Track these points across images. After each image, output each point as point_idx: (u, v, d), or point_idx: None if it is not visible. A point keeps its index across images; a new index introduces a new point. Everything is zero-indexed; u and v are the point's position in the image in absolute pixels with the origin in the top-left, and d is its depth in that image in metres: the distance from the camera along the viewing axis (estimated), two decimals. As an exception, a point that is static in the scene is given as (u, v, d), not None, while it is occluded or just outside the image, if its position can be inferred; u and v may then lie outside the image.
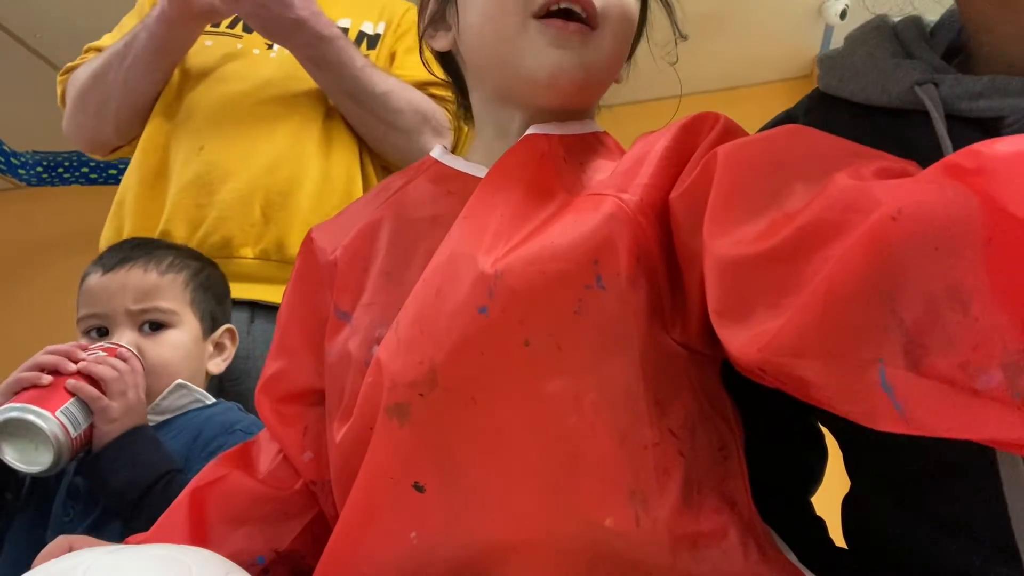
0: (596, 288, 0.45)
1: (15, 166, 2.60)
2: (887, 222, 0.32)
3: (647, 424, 0.44)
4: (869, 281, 0.32)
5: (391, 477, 0.45)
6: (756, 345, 0.37)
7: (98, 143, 1.17)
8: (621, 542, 0.43)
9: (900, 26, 0.59)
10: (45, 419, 0.72)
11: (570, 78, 0.53)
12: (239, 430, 0.83)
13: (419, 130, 1.11)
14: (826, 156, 0.42)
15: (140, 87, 1.10)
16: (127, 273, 0.88)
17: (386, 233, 0.57)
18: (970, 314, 0.29)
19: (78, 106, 1.13)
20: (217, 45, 1.15)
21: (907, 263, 0.31)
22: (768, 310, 0.37)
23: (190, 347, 0.90)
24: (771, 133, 0.46)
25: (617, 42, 0.55)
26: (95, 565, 0.39)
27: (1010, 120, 0.49)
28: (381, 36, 1.22)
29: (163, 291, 0.88)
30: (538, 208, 0.50)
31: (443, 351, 0.45)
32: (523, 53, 0.53)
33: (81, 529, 0.76)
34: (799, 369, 0.36)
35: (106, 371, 0.78)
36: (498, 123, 0.59)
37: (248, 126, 1.08)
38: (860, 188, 0.36)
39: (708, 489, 0.46)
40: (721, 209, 0.43)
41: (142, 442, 0.77)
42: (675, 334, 0.47)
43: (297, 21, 1.02)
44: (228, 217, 1.04)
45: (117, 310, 0.86)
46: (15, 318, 2.76)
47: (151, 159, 1.10)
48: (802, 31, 2.32)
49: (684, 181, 0.47)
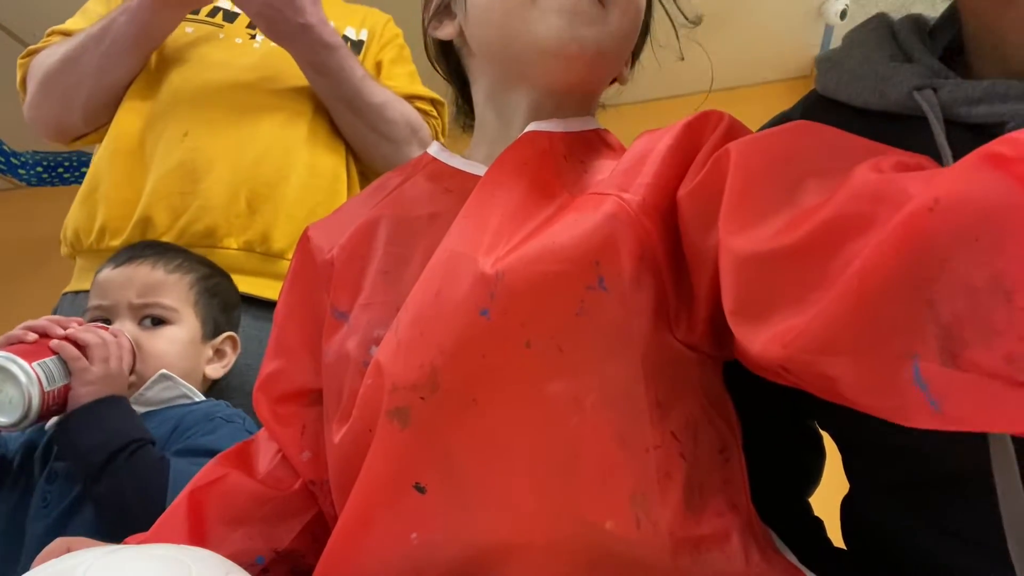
0: (598, 289, 0.45)
1: (15, 166, 2.60)
2: (924, 213, 0.31)
3: (649, 426, 0.44)
4: (906, 274, 0.31)
5: (392, 478, 0.45)
6: (780, 342, 0.36)
7: (62, 130, 1.14)
8: (622, 545, 0.43)
9: (898, 26, 0.58)
10: (21, 367, 0.74)
11: (580, 46, 0.53)
12: (220, 417, 0.84)
13: (408, 141, 1.12)
14: (841, 150, 0.42)
15: (116, 73, 1.08)
16: (135, 268, 0.90)
17: (384, 232, 0.57)
18: (1015, 304, 0.28)
19: (43, 90, 1.10)
20: (198, 32, 1.14)
21: (946, 255, 0.30)
22: (792, 306, 0.36)
23: (186, 345, 0.90)
24: (783, 129, 0.45)
25: (625, 21, 0.55)
26: (95, 565, 0.39)
27: (1011, 126, 0.48)
28: (364, 43, 1.23)
29: (167, 288, 0.90)
30: (538, 207, 0.50)
31: (444, 354, 0.45)
32: (533, 23, 0.53)
33: (57, 513, 0.77)
34: (827, 366, 0.35)
35: (91, 337, 0.80)
36: (501, 113, 0.59)
37: (235, 115, 1.07)
38: (888, 180, 0.35)
39: (709, 491, 0.45)
40: (737, 206, 0.42)
41: (116, 409, 0.78)
42: (680, 334, 0.47)
43: (304, 26, 1.03)
44: (213, 206, 1.02)
45: (120, 302, 0.89)
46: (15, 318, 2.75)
47: (125, 144, 1.07)
48: (802, 31, 2.32)
49: (692, 179, 0.47)
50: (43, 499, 0.78)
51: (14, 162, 2.59)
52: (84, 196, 1.09)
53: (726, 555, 0.44)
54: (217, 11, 1.18)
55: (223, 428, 0.82)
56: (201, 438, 0.80)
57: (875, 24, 0.59)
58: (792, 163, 0.42)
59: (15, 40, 2.30)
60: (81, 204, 1.09)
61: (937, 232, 0.30)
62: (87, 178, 1.10)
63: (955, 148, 0.48)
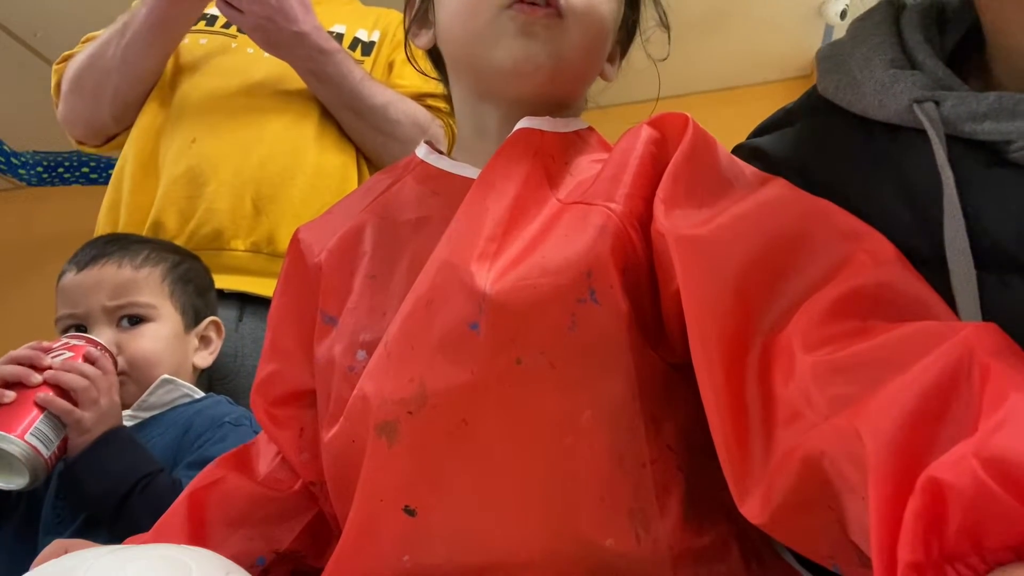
0: (589, 302, 0.44)
1: (15, 166, 2.60)
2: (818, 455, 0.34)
3: (644, 441, 0.44)
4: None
5: (382, 500, 0.45)
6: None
7: (94, 128, 1.16)
8: (622, 562, 0.43)
9: (905, 20, 0.55)
10: (15, 444, 0.69)
11: (535, 64, 0.53)
12: (228, 423, 0.82)
13: (416, 140, 1.12)
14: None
15: (140, 63, 1.09)
16: (101, 269, 0.86)
17: (371, 236, 0.56)
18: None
19: (74, 88, 1.12)
20: (211, 43, 1.16)
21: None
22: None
23: (171, 340, 0.88)
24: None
25: (586, 34, 0.54)
26: (96, 565, 0.39)
27: (1018, 145, 0.46)
28: (376, 44, 1.23)
29: (139, 285, 0.87)
30: (529, 214, 0.49)
31: (433, 369, 0.45)
32: (493, 45, 0.53)
33: (72, 529, 0.76)
34: None
35: (76, 380, 0.74)
36: (475, 120, 0.59)
37: (241, 119, 1.08)
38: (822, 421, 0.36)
39: (707, 502, 0.45)
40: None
41: (115, 447, 0.75)
42: (661, 351, 0.46)
43: (299, 34, 1.03)
44: (219, 209, 1.04)
45: (94, 307, 0.85)
46: (15, 318, 2.76)
47: (145, 148, 1.10)
48: (802, 31, 2.32)
49: (665, 190, 0.47)
50: (56, 514, 0.77)
51: (14, 162, 2.58)
52: (109, 206, 1.12)
53: (727, 564, 0.44)
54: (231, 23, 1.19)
55: (232, 435, 0.80)
56: (212, 447, 0.78)
57: (880, 17, 0.56)
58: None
59: (15, 40, 2.30)
60: (107, 213, 1.11)
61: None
62: (109, 189, 1.13)
63: (958, 167, 0.46)
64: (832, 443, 0.33)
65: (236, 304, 1.06)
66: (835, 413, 0.34)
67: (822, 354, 0.36)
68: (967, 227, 0.46)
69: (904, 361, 0.33)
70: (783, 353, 0.39)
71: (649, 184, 0.48)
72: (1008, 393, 0.28)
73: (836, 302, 0.39)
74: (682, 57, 0.64)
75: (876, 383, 0.33)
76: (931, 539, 0.26)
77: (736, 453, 0.38)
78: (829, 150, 0.57)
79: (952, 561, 0.26)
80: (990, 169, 0.47)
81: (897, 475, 0.28)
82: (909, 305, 0.39)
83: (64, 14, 2.14)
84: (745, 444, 0.38)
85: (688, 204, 0.46)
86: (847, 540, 0.34)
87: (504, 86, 0.55)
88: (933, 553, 0.26)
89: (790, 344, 0.38)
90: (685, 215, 0.45)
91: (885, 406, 0.31)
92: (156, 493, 0.72)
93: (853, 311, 0.39)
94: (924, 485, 0.27)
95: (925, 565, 0.26)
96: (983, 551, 0.26)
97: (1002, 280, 0.45)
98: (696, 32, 2.13)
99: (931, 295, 0.40)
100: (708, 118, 0.55)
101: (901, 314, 0.38)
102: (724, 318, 0.41)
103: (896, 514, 0.27)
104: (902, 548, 0.27)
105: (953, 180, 0.46)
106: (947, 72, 0.51)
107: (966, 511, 0.26)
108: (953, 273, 0.46)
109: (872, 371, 0.34)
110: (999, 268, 0.46)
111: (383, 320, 0.50)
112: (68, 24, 2.13)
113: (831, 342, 0.37)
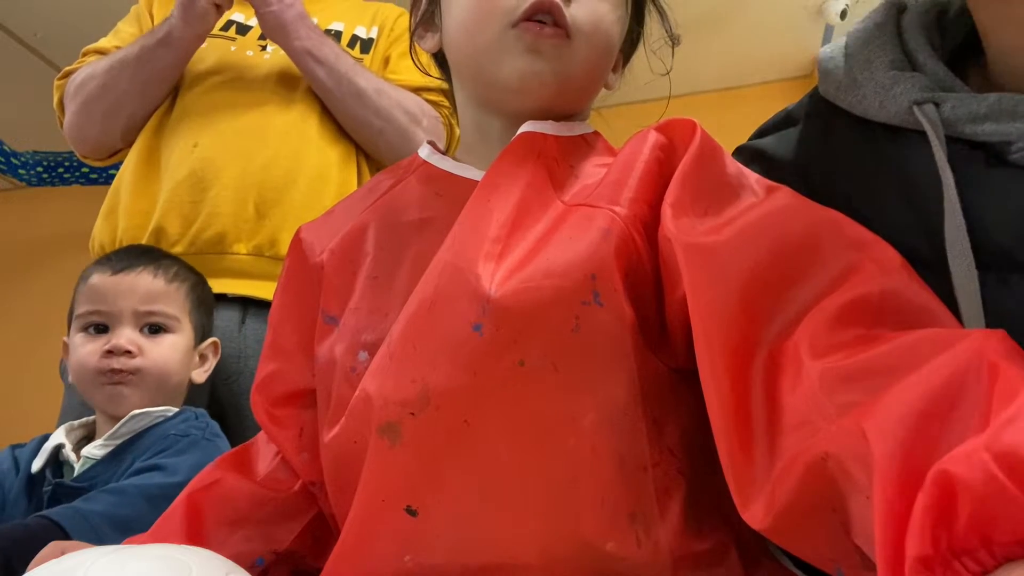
0: (593, 304, 0.44)
1: (15, 166, 2.60)
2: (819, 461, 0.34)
3: (646, 444, 0.44)
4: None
5: (383, 500, 0.45)
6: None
7: (103, 147, 1.18)
8: (622, 565, 0.43)
9: (906, 22, 0.55)
10: None
11: (540, 82, 0.53)
12: (173, 434, 0.85)
13: (411, 128, 1.13)
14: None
15: (160, 90, 1.12)
16: (137, 276, 0.92)
17: (374, 236, 0.56)
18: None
19: (83, 110, 1.13)
20: (211, 47, 1.16)
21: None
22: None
23: (185, 353, 0.94)
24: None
25: (593, 53, 0.55)
26: (96, 565, 0.39)
27: (1018, 146, 0.46)
28: (375, 40, 1.24)
29: (168, 297, 0.93)
30: (533, 216, 0.49)
31: (436, 370, 0.44)
32: (499, 61, 0.53)
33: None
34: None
35: None
36: (479, 127, 0.59)
37: (243, 123, 1.09)
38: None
39: (707, 506, 0.45)
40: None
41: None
42: (663, 355, 0.46)
43: (301, 14, 1.06)
44: (222, 213, 1.04)
45: (124, 309, 0.90)
46: (15, 318, 2.76)
47: (142, 158, 1.11)
48: (802, 31, 2.32)
49: (673, 194, 0.47)
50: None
51: (14, 162, 2.59)
52: (107, 211, 1.12)
53: (726, 568, 0.44)
54: (231, 24, 1.20)
55: (177, 444, 0.84)
56: (154, 459, 0.81)
57: (882, 17, 0.56)
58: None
59: (15, 40, 2.30)
60: (105, 219, 1.12)
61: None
62: (109, 194, 1.14)
63: (958, 168, 0.46)
64: (837, 444, 0.33)
65: (239, 307, 1.06)
66: (843, 419, 0.34)
67: (830, 361, 0.36)
68: (967, 227, 0.46)
69: (913, 367, 0.33)
70: (790, 360, 0.39)
71: (655, 189, 0.48)
72: (1019, 390, 0.28)
73: (843, 310, 0.39)
74: (682, 57, 0.64)
75: (885, 390, 0.33)
76: (940, 533, 0.26)
77: (740, 459, 0.38)
78: (830, 151, 0.57)
79: (960, 556, 0.26)
80: (990, 170, 0.47)
81: (903, 473, 0.28)
82: (915, 313, 0.39)
83: (64, 14, 2.14)
84: (749, 450, 0.38)
85: (695, 211, 0.46)
86: (850, 543, 0.34)
87: (508, 100, 0.56)
88: (942, 547, 0.26)
89: (797, 351, 0.38)
90: (692, 222, 0.45)
91: (892, 406, 0.31)
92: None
93: (860, 319, 0.39)
94: (935, 478, 0.27)
95: (933, 559, 0.26)
96: (992, 545, 0.26)
97: (1003, 279, 0.45)
98: (696, 33, 2.12)
99: (937, 304, 0.40)
100: (708, 118, 0.56)
101: (907, 322, 0.38)
102: (730, 325, 0.41)
103: (902, 511, 0.27)
104: (910, 542, 0.26)
105: (953, 181, 0.46)
106: (948, 73, 0.51)
107: (976, 505, 0.25)
108: (954, 273, 0.46)
109: (881, 378, 0.34)
110: (999, 268, 0.46)
111: (385, 321, 0.50)
112: (68, 24, 2.13)
113: (839, 349, 0.37)
